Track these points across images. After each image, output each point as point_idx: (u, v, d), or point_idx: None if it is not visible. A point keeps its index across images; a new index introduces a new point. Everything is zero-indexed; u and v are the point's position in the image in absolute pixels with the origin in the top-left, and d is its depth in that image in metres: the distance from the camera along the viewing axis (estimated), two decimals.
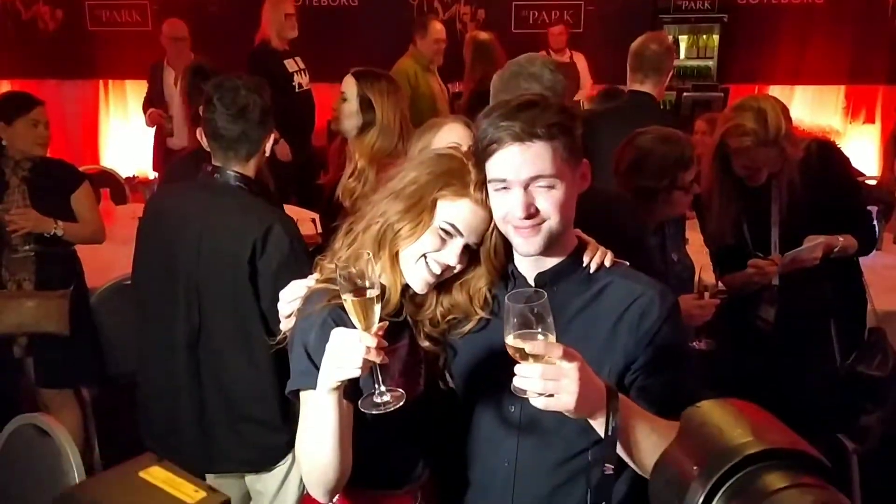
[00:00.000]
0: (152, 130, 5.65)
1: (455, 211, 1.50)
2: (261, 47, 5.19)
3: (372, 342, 1.31)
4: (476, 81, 5.28)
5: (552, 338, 1.29)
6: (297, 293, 1.62)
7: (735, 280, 2.59)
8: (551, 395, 1.28)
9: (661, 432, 1.37)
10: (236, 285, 2.19)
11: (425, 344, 1.58)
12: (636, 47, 3.48)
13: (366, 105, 2.81)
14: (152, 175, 6.99)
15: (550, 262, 1.56)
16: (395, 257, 1.54)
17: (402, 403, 1.39)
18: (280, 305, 1.66)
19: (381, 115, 2.80)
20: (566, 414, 1.32)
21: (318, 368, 1.43)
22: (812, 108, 7.12)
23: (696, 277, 2.37)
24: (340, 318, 1.48)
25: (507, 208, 1.48)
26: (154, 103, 5.49)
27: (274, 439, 2.26)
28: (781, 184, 2.59)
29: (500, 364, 1.37)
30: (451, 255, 1.50)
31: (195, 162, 2.90)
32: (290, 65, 5.20)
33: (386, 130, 2.79)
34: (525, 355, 1.29)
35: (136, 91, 7.54)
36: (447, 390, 1.63)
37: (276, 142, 2.45)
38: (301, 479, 2.32)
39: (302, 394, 1.51)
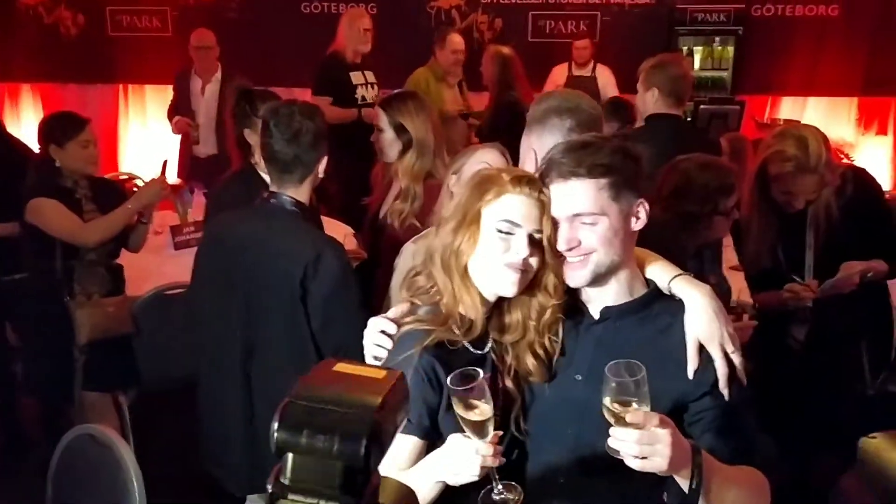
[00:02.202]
0: (175, 137, 5.73)
1: (501, 207, 1.57)
2: (330, 56, 5.25)
3: (489, 452, 1.42)
4: (498, 97, 5.38)
5: (647, 406, 1.39)
6: (380, 326, 1.67)
7: (770, 300, 2.67)
8: (645, 458, 1.38)
9: (738, 483, 1.50)
10: (290, 306, 2.28)
11: (509, 385, 1.64)
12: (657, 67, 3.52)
13: (400, 130, 2.92)
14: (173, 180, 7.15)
15: (616, 298, 1.64)
16: (465, 275, 1.60)
17: (520, 497, 1.48)
18: (366, 346, 1.71)
19: (416, 135, 2.90)
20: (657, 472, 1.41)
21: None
22: (825, 119, 7.17)
23: (734, 299, 2.44)
24: (432, 368, 1.56)
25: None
26: (180, 111, 5.55)
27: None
28: (818, 210, 2.66)
29: (569, 409, 1.52)
30: (520, 248, 1.55)
31: (242, 180, 3.00)
32: (357, 77, 5.23)
33: (422, 148, 2.90)
34: (621, 419, 1.39)
35: (155, 96, 7.65)
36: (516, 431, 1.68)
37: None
38: None
39: None
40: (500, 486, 1.47)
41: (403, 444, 1.57)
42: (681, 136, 3.41)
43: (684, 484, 1.44)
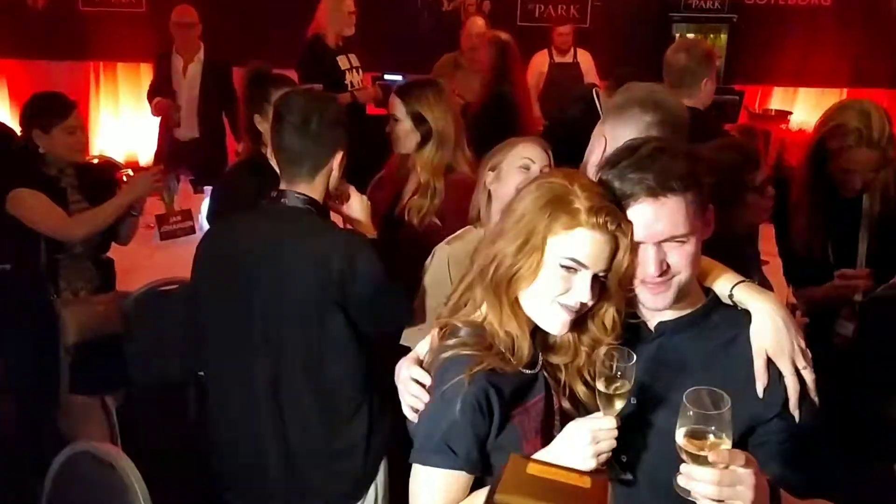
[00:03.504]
0: (153, 119, 5.47)
1: (571, 243, 1.38)
2: (313, 40, 5.01)
3: (612, 424, 1.33)
4: (491, 84, 5.12)
5: (728, 442, 1.23)
6: (415, 376, 1.52)
7: (815, 294, 2.55)
8: (721, 501, 1.21)
9: None
10: (321, 318, 2.09)
11: (566, 405, 1.50)
12: (666, 58, 3.42)
13: (418, 120, 2.73)
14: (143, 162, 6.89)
15: (673, 311, 1.50)
16: (516, 303, 1.45)
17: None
18: (401, 395, 1.56)
19: (436, 126, 2.72)
20: None
21: (451, 449, 1.39)
22: (815, 110, 7.12)
23: (784, 301, 2.32)
24: (485, 394, 1.41)
25: (639, 265, 1.42)
26: (161, 92, 5.29)
27: (364, 468, 2.21)
28: (874, 197, 2.55)
29: (621, 435, 1.37)
30: (582, 291, 1.39)
31: (252, 172, 2.80)
32: (343, 62, 5.04)
33: (443, 139, 2.73)
34: (696, 457, 1.23)
35: (128, 75, 7.36)
36: None
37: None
38: None
39: (423, 469, 1.44)
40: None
41: (449, 482, 1.42)
42: (700, 128, 3.28)
43: None
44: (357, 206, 2.40)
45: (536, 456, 1.35)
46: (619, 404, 1.36)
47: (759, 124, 6.56)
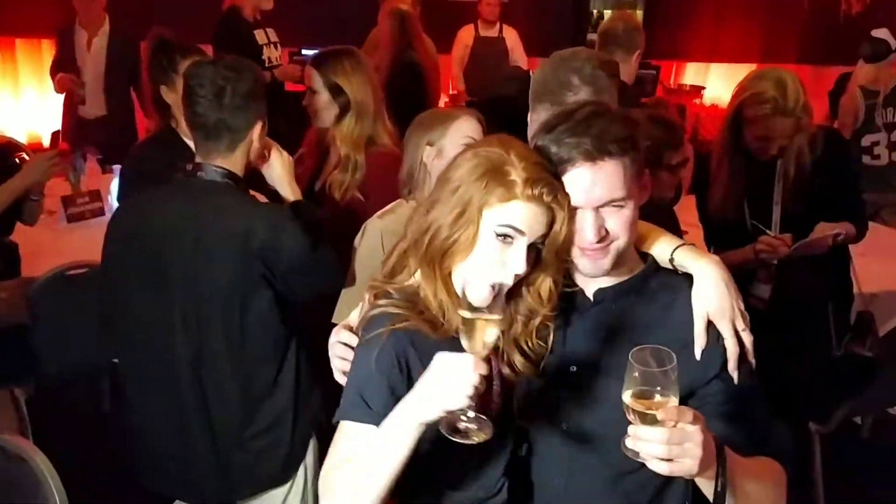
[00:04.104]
0: (58, 96, 5.23)
1: (507, 214, 1.35)
2: (229, 13, 4.82)
3: (485, 370, 1.21)
4: (395, 57, 4.96)
5: (675, 400, 1.21)
6: (344, 339, 1.51)
7: (734, 258, 2.61)
8: (671, 460, 1.20)
9: (757, 478, 1.35)
10: (244, 295, 2.01)
11: (506, 371, 1.46)
12: (603, 27, 3.47)
13: (336, 91, 2.65)
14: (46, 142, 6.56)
15: (611, 278, 1.48)
16: (448, 277, 1.40)
17: (488, 436, 1.27)
18: (332, 359, 1.54)
19: (354, 97, 2.65)
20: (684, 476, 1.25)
21: (365, 401, 1.35)
22: (727, 85, 7.30)
23: None
24: (404, 351, 1.38)
25: (577, 231, 1.39)
26: (64, 68, 5.03)
27: (291, 447, 2.15)
28: (788, 162, 2.63)
29: (562, 403, 1.40)
30: (517, 261, 1.34)
31: (163, 146, 2.68)
32: (261, 36, 4.87)
33: (363, 111, 2.66)
34: (644, 416, 1.21)
35: (28, 51, 6.96)
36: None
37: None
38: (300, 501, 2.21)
39: (344, 424, 1.39)
40: (471, 414, 1.24)
41: (357, 434, 1.36)
42: (627, 104, 3.34)
43: (708, 486, 1.29)
44: (278, 165, 2.28)
45: (409, 396, 1.29)
46: (485, 337, 1.27)
47: (673, 99, 6.69)
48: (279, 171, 2.28)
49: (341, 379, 1.50)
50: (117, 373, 2.34)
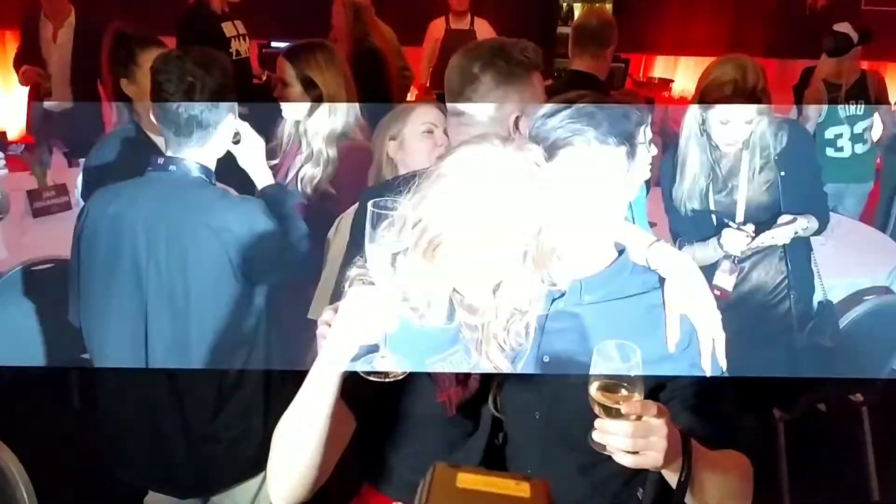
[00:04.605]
0: (22, 89, 5.14)
1: None
2: (195, 5, 4.75)
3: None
4: (354, 48, 4.91)
5: (639, 395, 1.24)
6: (326, 318, 1.47)
7: (700, 252, 2.66)
8: (637, 453, 1.23)
9: (723, 470, 1.38)
10: (215, 287, 2.01)
11: (483, 362, 1.46)
12: (578, 21, 3.51)
13: (308, 85, 2.64)
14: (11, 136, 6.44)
15: (586, 270, 1.51)
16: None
17: (400, 377, 1.27)
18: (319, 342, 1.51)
19: (326, 91, 2.64)
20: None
21: None
22: (695, 77, 7.37)
23: None
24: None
25: None
26: (29, 59, 4.94)
27: (264, 440, 2.13)
28: (753, 154, 2.69)
29: (534, 395, 1.42)
30: None
31: (125, 142, 2.64)
32: (228, 29, 4.80)
33: (335, 105, 2.64)
34: (608, 410, 1.24)
35: None
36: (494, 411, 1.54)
37: None
38: None
39: None
40: (387, 350, 1.24)
41: None
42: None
43: (674, 478, 1.32)
44: (249, 147, 2.25)
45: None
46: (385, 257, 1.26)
47: (643, 92, 6.74)
48: (251, 153, 2.25)
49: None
50: (86, 368, 2.32)
